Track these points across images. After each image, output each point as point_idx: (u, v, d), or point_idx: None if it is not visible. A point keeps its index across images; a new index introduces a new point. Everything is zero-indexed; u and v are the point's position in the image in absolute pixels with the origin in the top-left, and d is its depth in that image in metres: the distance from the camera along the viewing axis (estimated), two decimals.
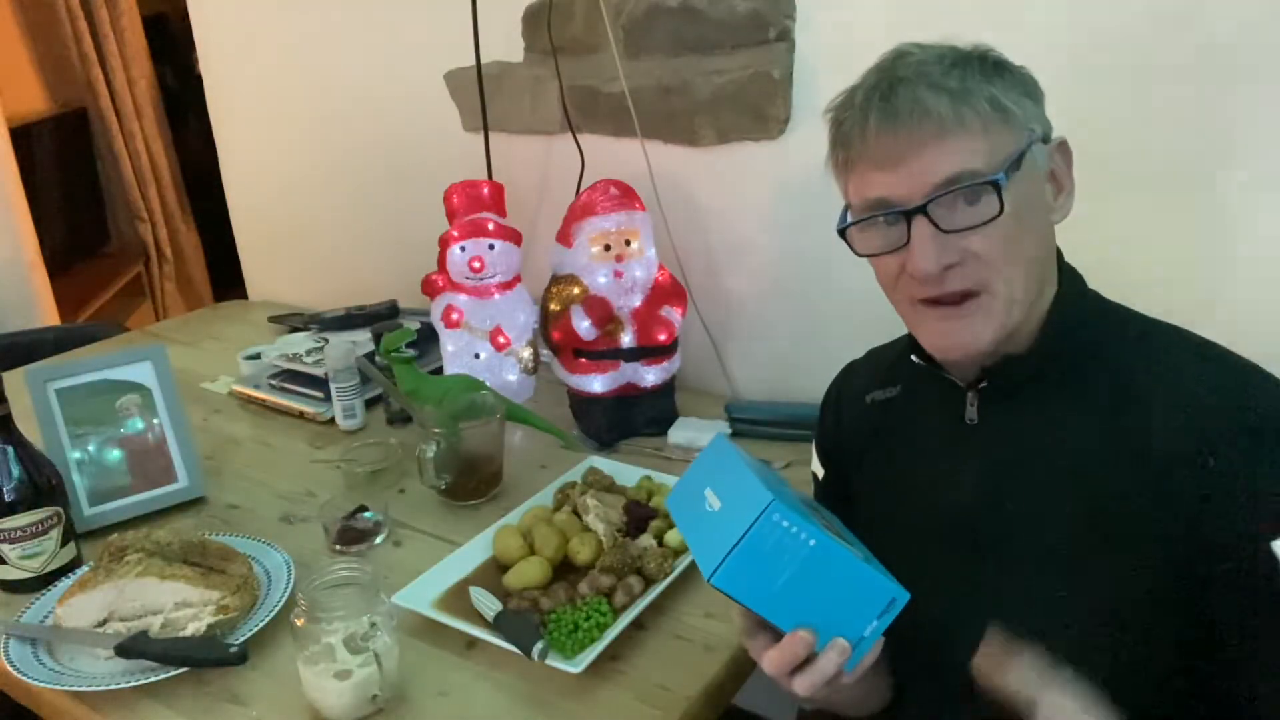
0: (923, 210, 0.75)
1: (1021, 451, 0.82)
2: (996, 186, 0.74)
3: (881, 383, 0.96)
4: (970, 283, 0.77)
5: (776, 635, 0.73)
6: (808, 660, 0.71)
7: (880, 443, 0.94)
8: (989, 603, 0.80)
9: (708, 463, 0.83)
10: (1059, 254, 0.85)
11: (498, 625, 1.02)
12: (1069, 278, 0.84)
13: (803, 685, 0.72)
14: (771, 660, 0.72)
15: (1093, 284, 0.86)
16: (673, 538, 1.16)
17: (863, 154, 0.78)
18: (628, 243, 1.44)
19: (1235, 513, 0.71)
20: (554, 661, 0.97)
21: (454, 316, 1.59)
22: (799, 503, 0.77)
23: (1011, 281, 0.77)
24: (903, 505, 0.90)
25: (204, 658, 1.01)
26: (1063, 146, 0.82)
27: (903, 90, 0.75)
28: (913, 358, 0.89)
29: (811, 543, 0.69)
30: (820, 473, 1.03)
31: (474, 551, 1.18)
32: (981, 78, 0.76)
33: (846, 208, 0.83)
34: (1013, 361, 0.82)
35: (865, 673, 0.75)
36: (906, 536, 0.87)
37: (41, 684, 0.99)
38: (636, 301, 1.47)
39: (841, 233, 0.83)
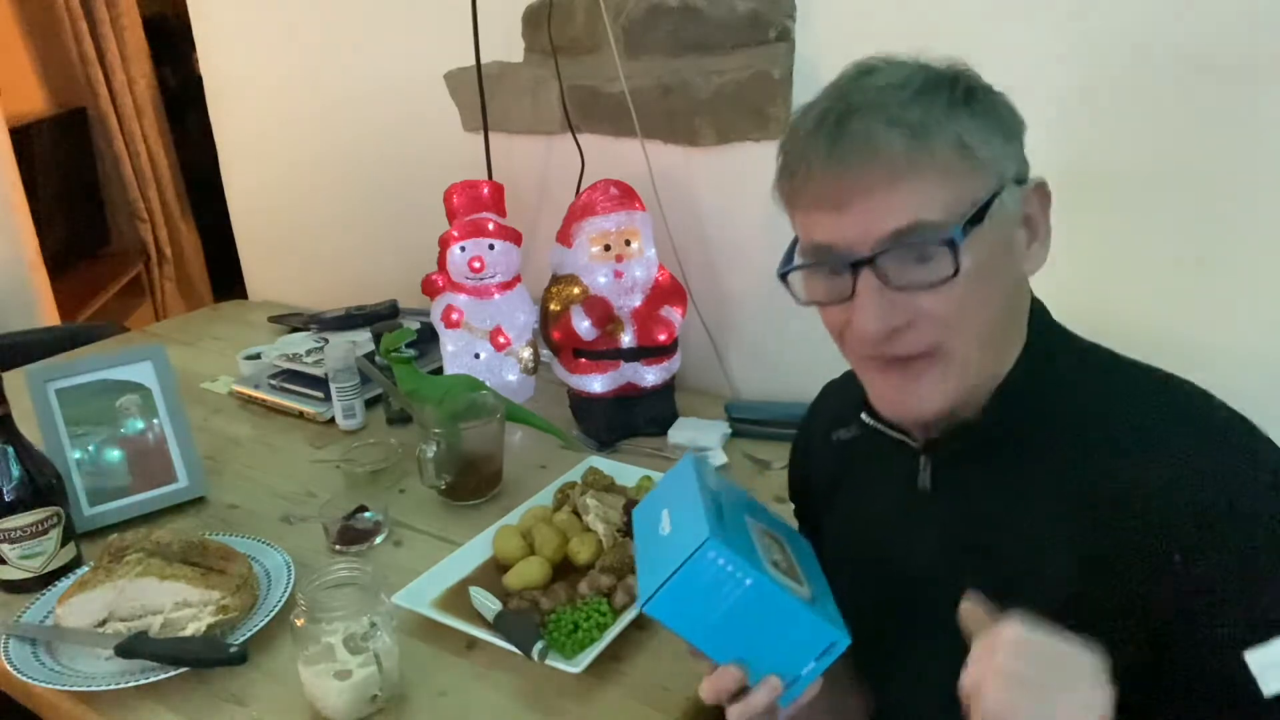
0: (870, 262, 0.66)
1: (975, 527, 0.74)
2: (952, 245, 0.65)
3: (845, 420, 0.86)
4: (922, 345, 0.69)
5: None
6: (742, 690, 0.70)
7: (844, 490, 0.88)
8: (938, 678, 0.72)
9: (672, 482, 0.81)
10: (1034, 307, 0.76)
11: (498, 625, 1.02)
12: (1036, 318, 0.75)
13: (733, 714, 0.71)
14: (704, 689, 0.71)
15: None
16: None
17: (806, 190, 0.69)
18: (628, 243, 1.44)
19: (1205, 618, 0.63)
20: (554, 661, 0.97)
21: (454, 316, 1.59)
22: (757, 533, 0.75)
23: (969, 343, 0.69)
24: (860, 569, 0.83)
25: (204, 658, 1.01)
26: (1040, 189, 0.72)
27: (855, 122, 0.66)
28: (863, 416, 0.80)
29: (748, 582, 0.68)
30: (792, 505, 0.99)
31: (474, 551, 1.18)
32: (947, 110, 0.66)
33: (793, 244, 0.74)
34: (965, 428, 0.74)
35: (832, 696, 0.73)
36: (863, 601, 0.80)
37: (41, 684, 0.99)
38: (636, 301, 1.47)
39: (783, 276, 0.73)
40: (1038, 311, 0.76)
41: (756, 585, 0.68)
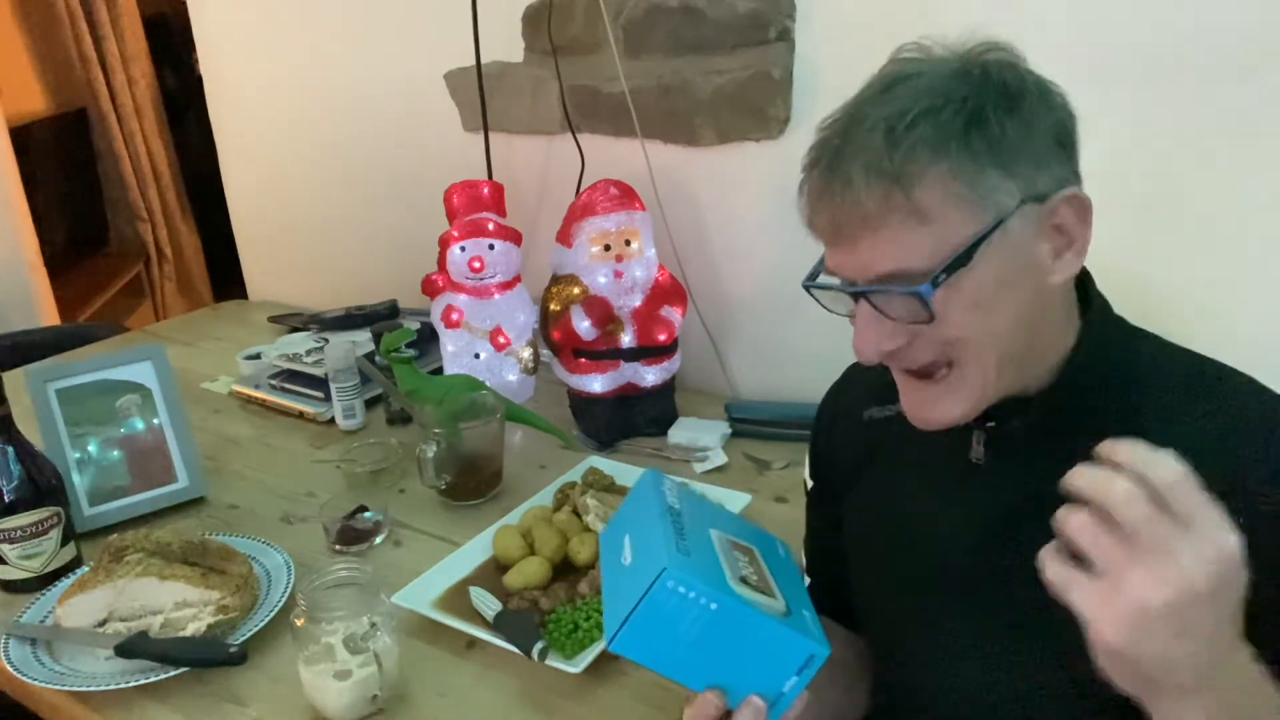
0: (864, 295, 0.69)
1: (1028, 500, 0.74)
2: (922, 298, 0.66)
3: (881, 399, 0.87)
4: (930, 356, 0.70)
5: None
6: (725, 716, 0.68)
7: (875, 467, 0.88)
8: (975, 657, 0.76)
9: (634, 504, 0.77)
10: (1089, 280, 0.77)
11: (498, 625, 1.02)
12: (1097, 313, 0.76)
13: None
14: (687, 717, 0.69)
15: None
16: None
17: (808, 220, 0.73)
18: (628, 243, 1.44)
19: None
20: (554, 661, 0.97)
21: (454, 316, 1.59)
22: (724, 547, 0.73)
23: (980, 359, 0.69)
24: (894, 543, 0.84)
25: (204, 658, 1.01)
26: (1073, 200, 0.69)
27: (840, 168, 0.67)
28: None
29: (713, 606, 0.65)
30: (810, 484, 0.98)
31: (474, 551, 1.18)
32: (939, 147, 0.64)
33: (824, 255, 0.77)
34: (1023, 404, 0.74)
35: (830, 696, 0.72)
36: (894, 577, 0.83)
37: (41, 684, 0.99)
38: (636, 301, 1.47)
39: (807, 288, 0.77)
40: (1093, 295, 0.77)
41: (723, 608, 0.65)
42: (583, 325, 1.43)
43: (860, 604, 0.90)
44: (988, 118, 0.66)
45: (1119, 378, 0.74)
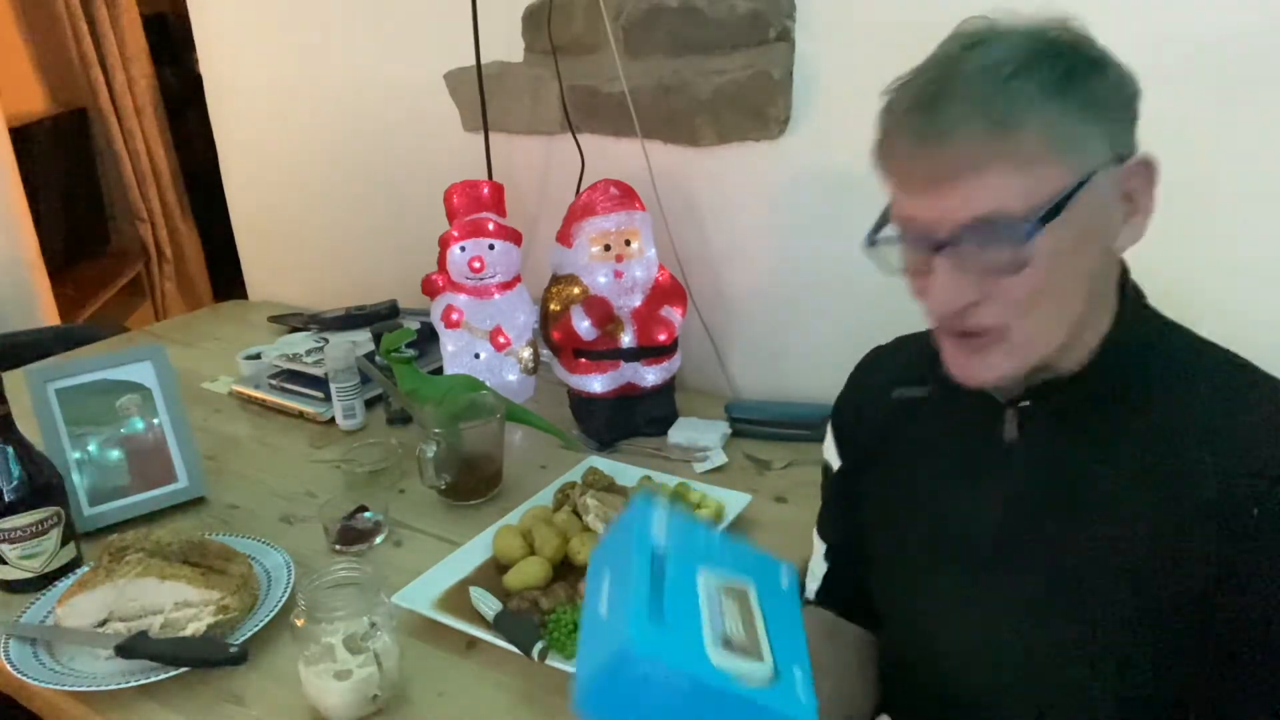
0: (947, 245, 0.69)
1: (1061, 478, 0.76)
2: (1024, 240, 0.66)
3: (911, 379, 0.89)
4: (990, 321, 0.71)
5: None
6: None
7: (903, 446, 0.89)
8: (999, 633, 0.78)
9: (618, 537, 0.71)
10: (1125, 267, 0.78)
11: (498, 625, 1.02)
12: (1131, 300, 0.77)
13: None
14: None
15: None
16: None
17: (895, 169, 0.72)
18: (628, 243, 1.44)
19: (1261, 585, 0.67)
20: (554, 661, 0.97)
21: (454, 316, 1.59)
22: (710, 593, 0.66)
23: (1038, 324, 0.71)
24: (919, 519, 0.85)
25: (204, 658, 1.01)
26: (1144, 165, 0.72)
27: (944, 108, 0.66)
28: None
29: (684, 685, 0.59)
30: (835, 464, 0.97)
31: (474, 551, 1.18)
32: (1039, 96, 0.66)
33: (886, 211, 0.76)
34: (1062, 382, 0.76)
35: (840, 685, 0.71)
36: (919, 554, 0.84)
37: (41, 684, 0.99)
38: (636, 301, 1.47)
39: (870, 244, 0.76)
40: (1128, 282, 0.78)
41: (695, 685, 0.60)
42: (583, 325, 1.43)
43: (881, 581, 0.91)
44: (1083, 74, 0.68)
45: (1154, 365, 0.76)
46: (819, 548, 1.00)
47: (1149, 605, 0.71)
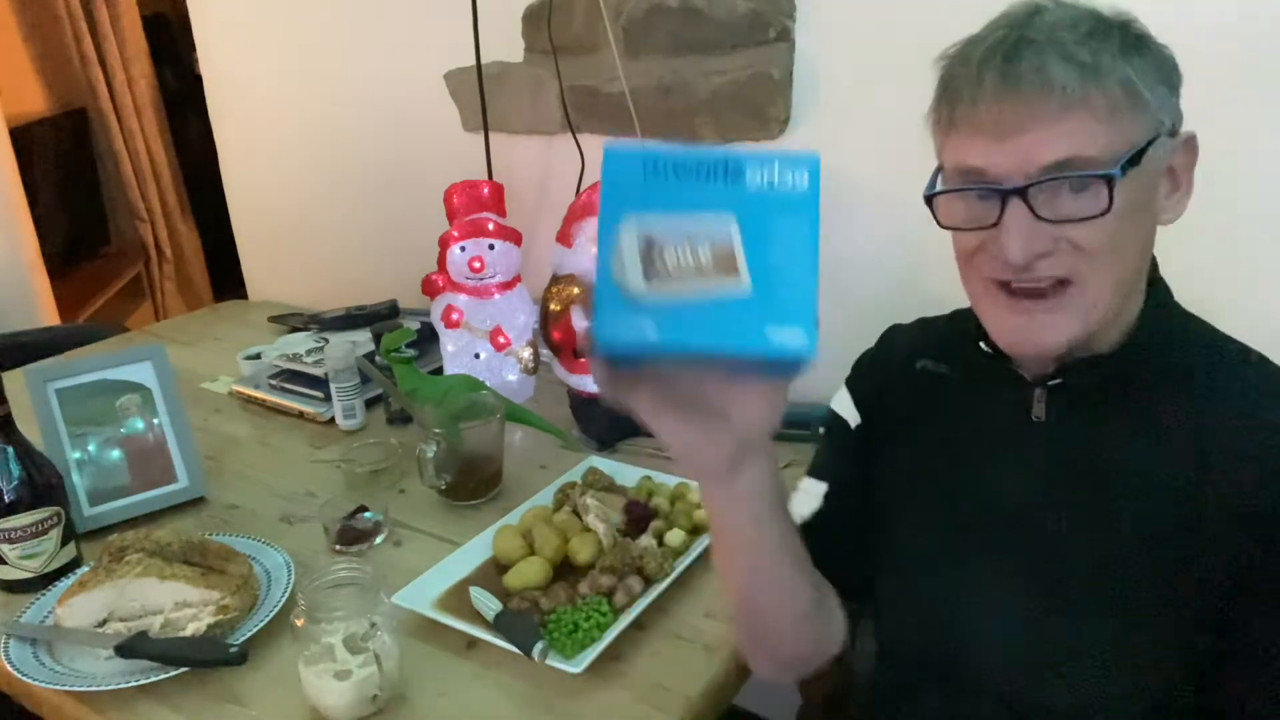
0: (1022, 193, 0.68)
1: (1088, 459, 0.77)
2: (1109, 181, 0.67)
3: (933, 354, 0.89)
4: (1062, 271, 0.70)
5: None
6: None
7: (926, 420, 0.88)
8: (1019, 610, 0.78)
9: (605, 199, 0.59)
10: (1153, 262, 0.79)
11: (498, 625, 1.02)
12: (1160, 290, 0.79)
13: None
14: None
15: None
16: (673, 538, 1.16)
17: (969, 117, 0.70)
18: None
19: None
20: (554, 661, 0.97)
21: (454, 316, 1.59)
22: (667, 233, 0.58)
23: (1103, 281, 0.71)
24: (944, 497, 0.84)
25: (204, 658, 1.01)
26: (1190, 142, 0.74)
27: (1029, 54, 0.67)
28: (981, 345, 0.82)
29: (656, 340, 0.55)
30: (853, 420, 0.94)
31: (474, 551, 1.18)
32: (1119, 54, 0.67)
33: (938, 170, 0.76)
34: (1095, 362, 0.76)
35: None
36: (942, 531, 0.83)
37: (42, 684, 0.99)
38: None
39: (929, 199, 0.75)
40: (1159, 275, 0.80)
41: (668, 342, 0.55)
42: (583, 325, 1.43)
43: (900, 557, 0.89)
44: (1147, 43, 0.70)
45: (1184, 352, 0.77)
46: (816, 488, 0.95)
47: (1176, 587, 0.71)
